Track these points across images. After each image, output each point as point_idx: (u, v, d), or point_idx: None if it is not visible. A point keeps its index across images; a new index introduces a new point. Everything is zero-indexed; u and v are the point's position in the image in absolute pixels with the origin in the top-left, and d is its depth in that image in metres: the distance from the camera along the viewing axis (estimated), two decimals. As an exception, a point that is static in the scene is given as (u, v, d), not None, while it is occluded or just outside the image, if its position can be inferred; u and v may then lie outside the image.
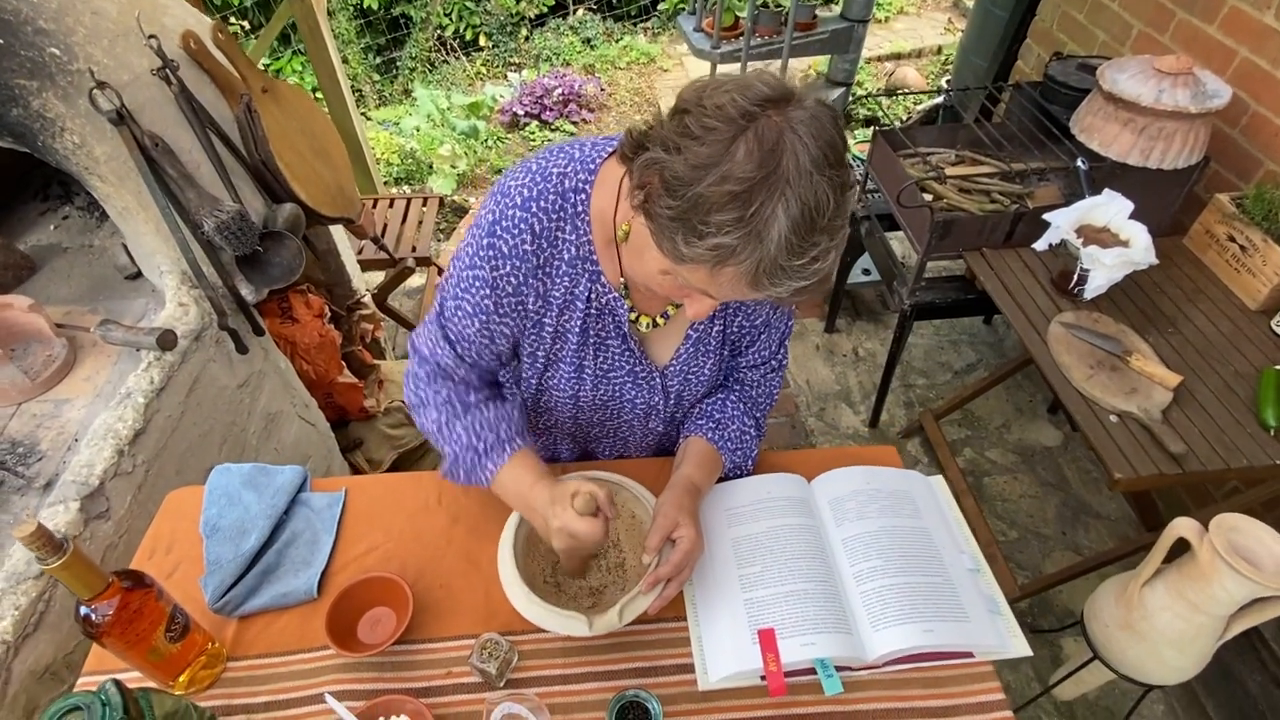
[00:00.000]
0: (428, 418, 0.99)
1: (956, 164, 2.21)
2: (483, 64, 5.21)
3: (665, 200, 0.68)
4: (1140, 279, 1.80)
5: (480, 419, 0.97)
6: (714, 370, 1.06)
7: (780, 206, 0.64)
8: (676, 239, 0.68)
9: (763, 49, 2.49)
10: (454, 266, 0.92)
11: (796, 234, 0.65)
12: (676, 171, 0.66)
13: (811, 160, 0.64)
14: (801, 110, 0.66)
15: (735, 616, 0.94)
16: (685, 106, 0.69)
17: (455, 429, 0.97)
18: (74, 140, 1.26)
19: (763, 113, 0.65)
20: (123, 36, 1.31)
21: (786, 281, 0.68)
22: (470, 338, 0.94)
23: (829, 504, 1.06)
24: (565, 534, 0.85)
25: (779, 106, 0.66)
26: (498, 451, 0.95)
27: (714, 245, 0.66)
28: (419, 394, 1.00)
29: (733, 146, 0.64)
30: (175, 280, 1.42)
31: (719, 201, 0.64)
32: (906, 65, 4.47)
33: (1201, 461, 1.43)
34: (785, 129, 0.64)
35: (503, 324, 0.93)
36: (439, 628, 0.97)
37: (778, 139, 0.64)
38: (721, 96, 0.66)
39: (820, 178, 0.64)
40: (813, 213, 0.64)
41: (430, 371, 1.00)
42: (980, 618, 0.94)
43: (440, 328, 0.96)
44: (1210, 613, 1.34)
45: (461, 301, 0.92)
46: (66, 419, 1.27)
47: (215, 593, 0.97)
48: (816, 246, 0.66)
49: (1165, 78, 1.73)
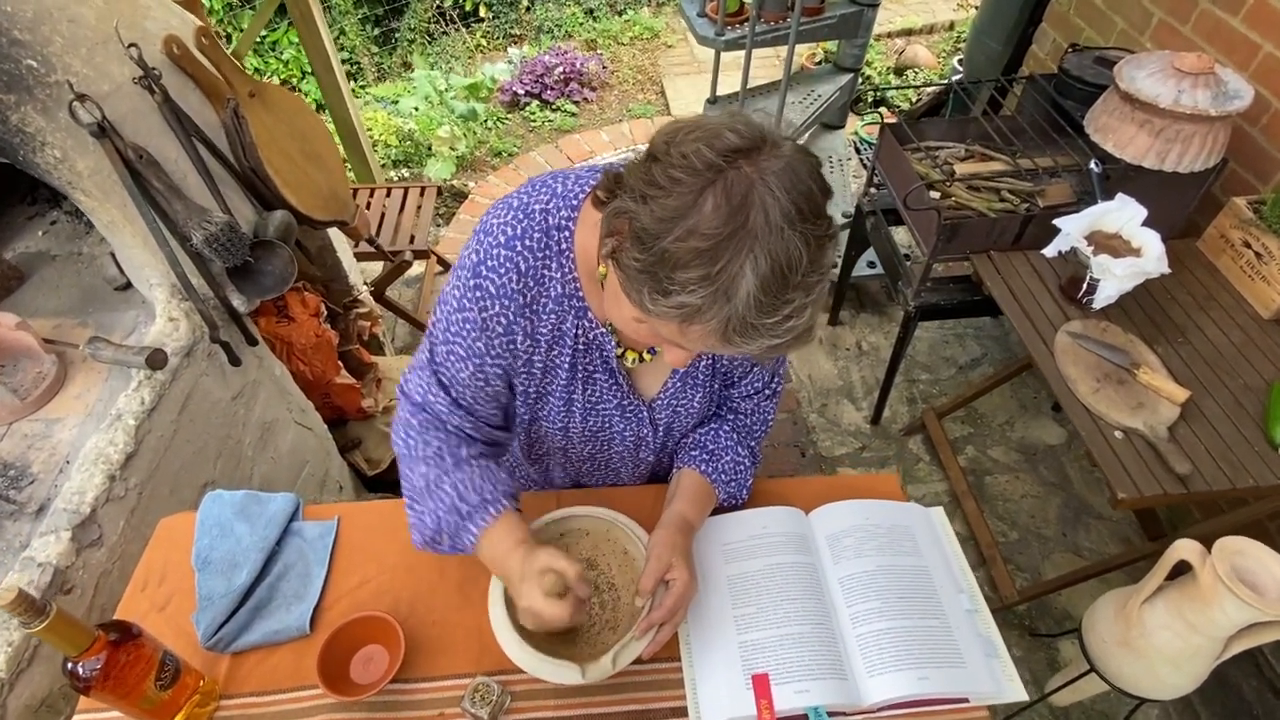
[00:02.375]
0: (415, 471, 0.93)
1: (966, 159, 2.15)
2: (482, 35, 5.09)
3: (633, 252, 0.65)
4: (1151, 284, 1.75)
5: (468, 478, 0.92)
6: (703, 403, 1.04)
7: (748, 264, 0.60)
8: (644, 292, 0.65)
9: (768, 35, 2.40)
10: (441, 310, 0.89)
11: (766, 292, 0.61)
12: (643, 223, 0.63)
13: (783, 214, 0.61)
14: (775, 159, 0.62)
15: (730, 660, 0.93)
16: (655, 154, 0.66)
17: (443, 486, 0.91)
18: (55, 155, 1.23)
19: (731, 164, 0.61)
20: (102, 45, 1.27)
21: (759, 339, 0.64)
22: (465, 381, 0.91)
23: (827, 540, 1.05)
24: (530, 614, 0.84)
25: (750, 156, 0.62)
26: (481, 514, 0.90)
27: (679, 303, 0.63)
28: (408, 443, 0.95)
29: (700, 199, 0.61)
30: (165, 294, 1.39)
31: (684, 258, 0.61)
32: (917, 43, 4.35)
33: (1207, 481, 1.41)
34: (755, 181, 0.61)
35: (496, 365, 0.90)
36: (431, 666, 0.97)
37: (746, 192, 0.61)
38: (689, 145, 0.63)
39: (792, 232, 0.61)
40: (784, 269, 0.61)
41: (423, 421, 0.95)
42: (976, 662, 0.93)
43: (433, 373, 0.92)
44: (1209, 634, 1.33)
45: (453, 346, 0.89)
46: (58, 439, 1.26)
47: (207, 630, 0.97)
48: (790, 304, 0.63)
49: (1185, 77, 1.66)
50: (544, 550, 0.86)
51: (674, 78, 4.38)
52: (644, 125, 4.02)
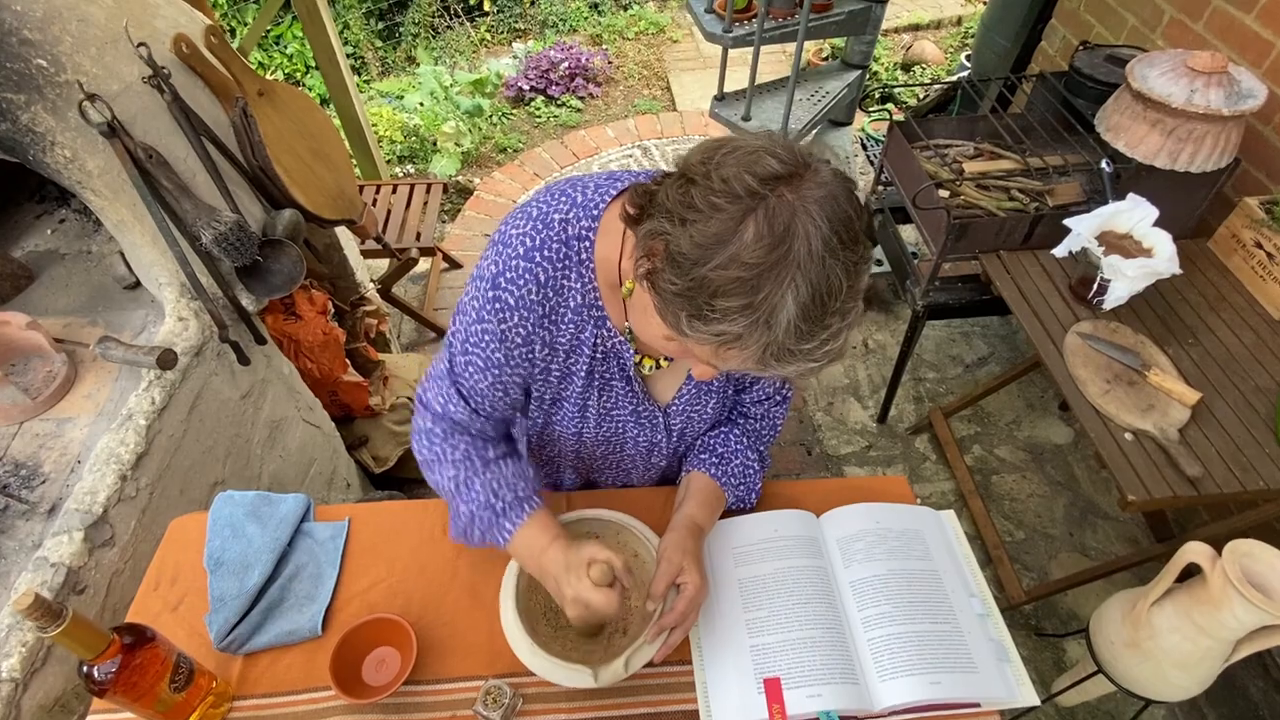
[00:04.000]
0: (444, 475, 0.96)
1: (974, 158, 2.14)
2: (487, 30, 5.06)
3: (669, 275, 0.65)
4: (1161, 285, 1.74)
5: (499, 476, 0.95)
6: (717, 408, 1.04)
7: (790, 293, 0.60)
8: (680, 316, 0.65)
9: (776, 32, 2.39)
10: (459, 321, 0.89)
11: (806, 320, 0.62)
12: (681, 247, 0.63)
13: (824, 243, 0.61)
14: (816, 187, 0.62)
15: (741, 663, 0.93)
16: (692, 175, 0.65)
17: (474, 486, 0.94)
18: (65, 154, 1.23)
19: (773, 191, 0.61)
20: (111, 44, 1.26)
21: (796, 363, 0.65)
22: (484, 392, 0.92)
23: (837, 544, 1.04)
24: (580, 604, 0.84)
25: (791, 183, 0.62)
26: (515, 511, 0.93)
27: (719, 331, 0.63)
28: (433, 450, 0.97)
29: (741, 227, 0.61)
30: (174, 293, 1.39)
31: (725, 286, 0.61)
32: (924, 38, 4.32)
33: (1218, 484, 1.40)
34: (798, 209, 0.61)
35: (514, 374, 0.90)
36: (443, 668, 0.97)
37: (789, 221, 0.60)
38: (729, 169, 0.63)
39: (833, 261, 0.61)
40: (824, 297, 0.61)
41: (446, 429, 0.96)
42: (988, 667, 0.93)
43: (452, 383, 0.93)
44: (1218, 637, 1.33)
45: (472, 357, 0.89)
46: (69, 439, 1.27)
47: (220, 631, 0.97)
48: (828, 329, 0.63)
49: (1198, 77, 1.65)
50: (587, 543, 0.88)
51: (680, 73, 4.36)
52: (650, 121, 4.00)
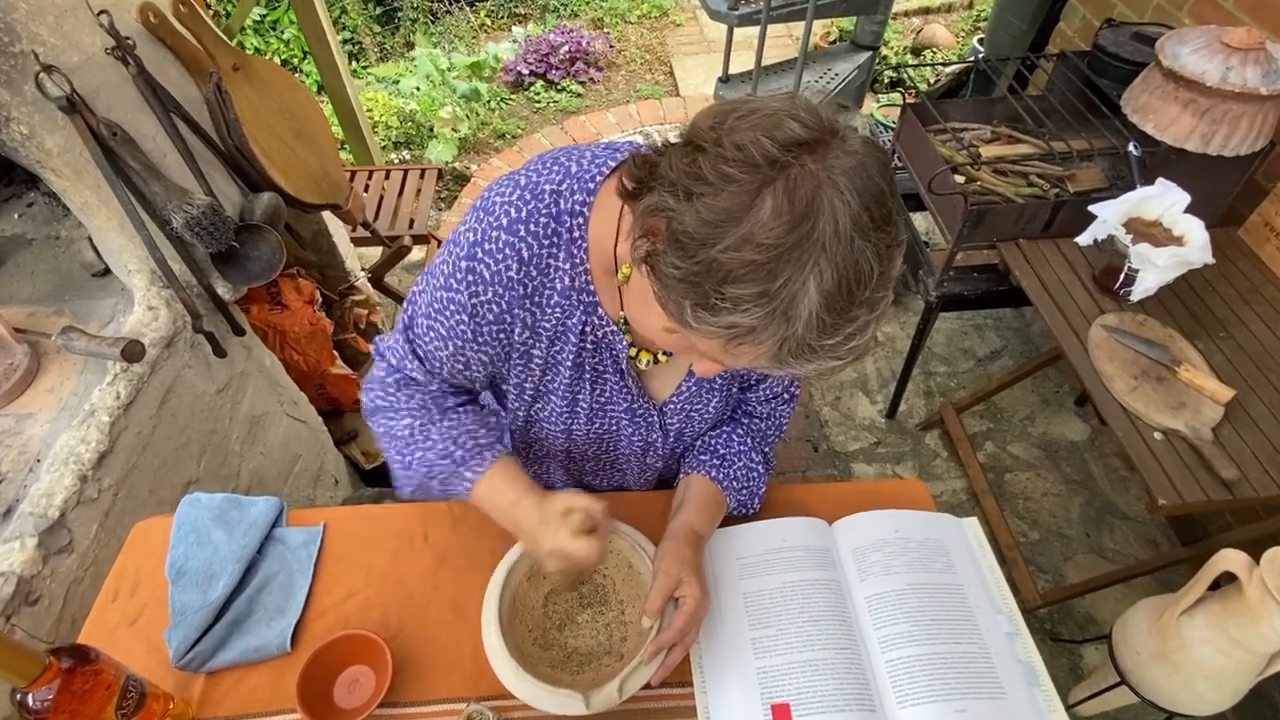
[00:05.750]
0: (399, 423, 0.88)
1: (992, 142, 2.04)
2: (486, 14, 4.95)
3: (672, 258, 0.56)
4: (1190, 275, 1.65)
5: (458, 423, 0.88)
6: (719, 407, 0.96)
7: (813, 279, 0.52)
8: (684, 305, 0.56)
9: (784, 10, 2.29)
10: (426, 282, 0.81)
11: (830, 311, 0.53)
12: (686, 225, 0.54)
13: (853, 221, 0.52)
14: (845, 156, 0.53)
15: (746, 687, 0.85)
16: (700, 142, 0.56)
17: (430, 434, 0.87)
18: (22, 131, 1.14)
19: (796, 160, 0.52)
20: (70, 12, 1.17)
21: (816, 361, 0.56)
22: (442, 360, 0.85)
23: (852, 554, 0.96)
24: (560, 555, 0.78)
25: (816, 151, 0.53)
26: (476, 459, 0.87)
27: (729, 323, 0.54)
28: (387, 398, 0.89)
29: (756, 201, 0.52)
30: (144, 280, 1.31)
31: (738, 271, 0.52)
32: (935, 21, 4.20)
33: (1254, 487, 1.32)
34: (823, 182, 0.52)
35: (480, 352, 0.82)
36: (421, 690, 0.89)
37: (813, 195, 0.52)
38: (744, 134, 0.54)
39: (864, 243, 0.52)
40: (851, 284, 0.53)
41: (399, 380, 0.90)
42: (1018, 692, 0.85)
43: (408, 342, 0.86)
44: (1254, 650, 1.25)
45: (434, 323, 0.81)
46: (29, 436, 1.19)
47: (180, 648, 0.89)
48: (854, 322, 0.55)
49: (1234, 53, 1.55)
50: (561, 493, 0.82)
51: (683, 57, 4.25)
52: (652, 106, 3.90)
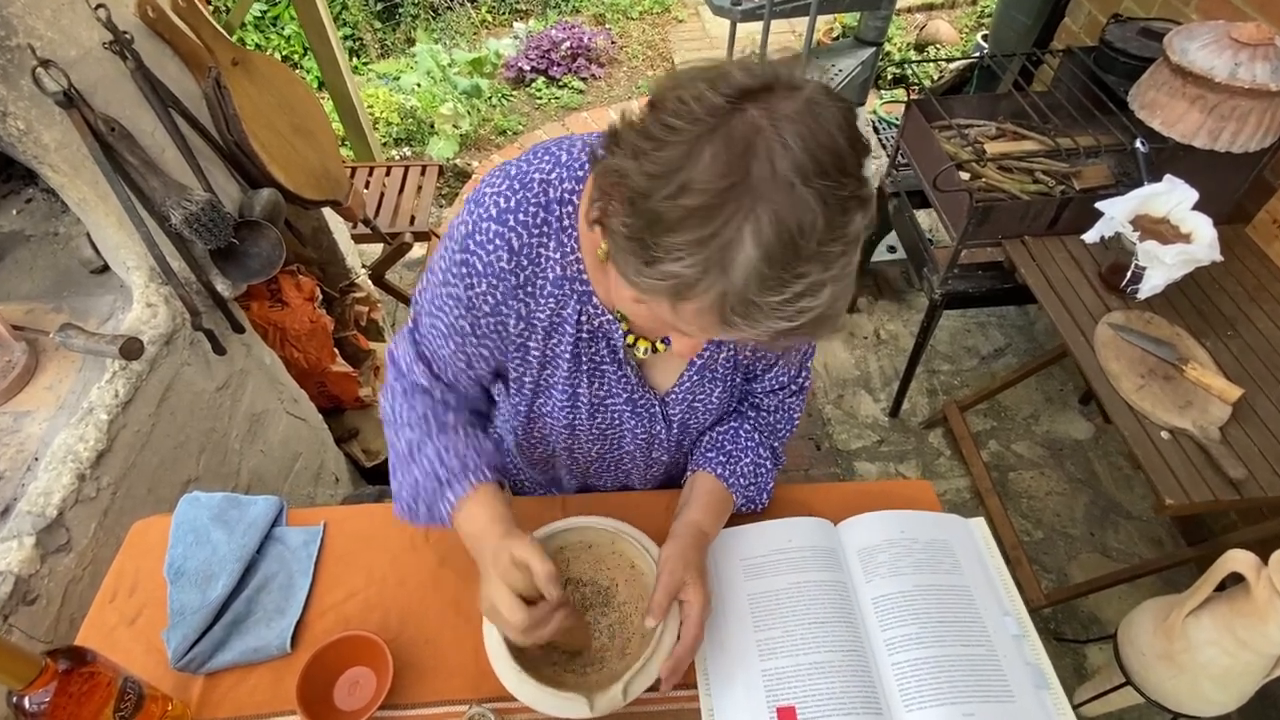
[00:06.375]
0: (401, 437, 0.88)
1: (997, 138, 2.03)
2: (488, 10, 4.93)
3: (622, 216, 0.55)
4: (1197, 273, 1.63)
5: (451, 442, 0.86)
6: (722, 397, 0.94)
7: (748, 226, 0.50)
8: (630, 264, 0.56)
9: (788, 6, 2.28)
10: (427, 280, 0.82)
11: (770, 263, 0.51)
12: (635, 182, 0.54)
13: (795, 166, 0.50)
14: (792, 102, 0.52)
15: (752, 690, 0.84)
16: (654, 101, 0.56)
17: (425, 450, 0.85)
18: (19, 126, 1.13)
19: (737, 108, 0.51)
20: (68, 6, 1.16)
21: (764, 322, 0.54)
22: (445, 359, 0.85)
23: (858, 555, 0.95)
24: (486, 604, 0.75)
25: (760, 98, 0.52)
26: (460, 482, 0.83)
27: (666, 274, 0.53)
28: (395, 409, 0.90)
29: (695, 149, 0.51)
30: (143, 277, 1.30)
31: (675, 219, 0.52)
32: (939, 18, 4.18)
33: (1262, 487, 1.31)
34: (763, 128, 0.51)
35: (481, 346, 0.82)
36: (423, 691, 0.88)
37: (751, 140, 0.50)
38: (688, 88, 0.53)
39: (806, 189, 0.50)
40: (793, 235, 0.50)
41: (407, 387, 0.90)
42: (1026, 695, 0.84)
43: (414, 344, 0.88)
44: (1261, 651, 1.24)
45: (436, 320, 0.82)
46: (27, 434, 1.18)
47: (179, 649, 0.88)
48: (802, 279, 0.52)
49: (1243, 49, 1.53)
50: (520, 540, 0.75)
51: (685, 54, 4.24)
52: (654, 103, 3.88)
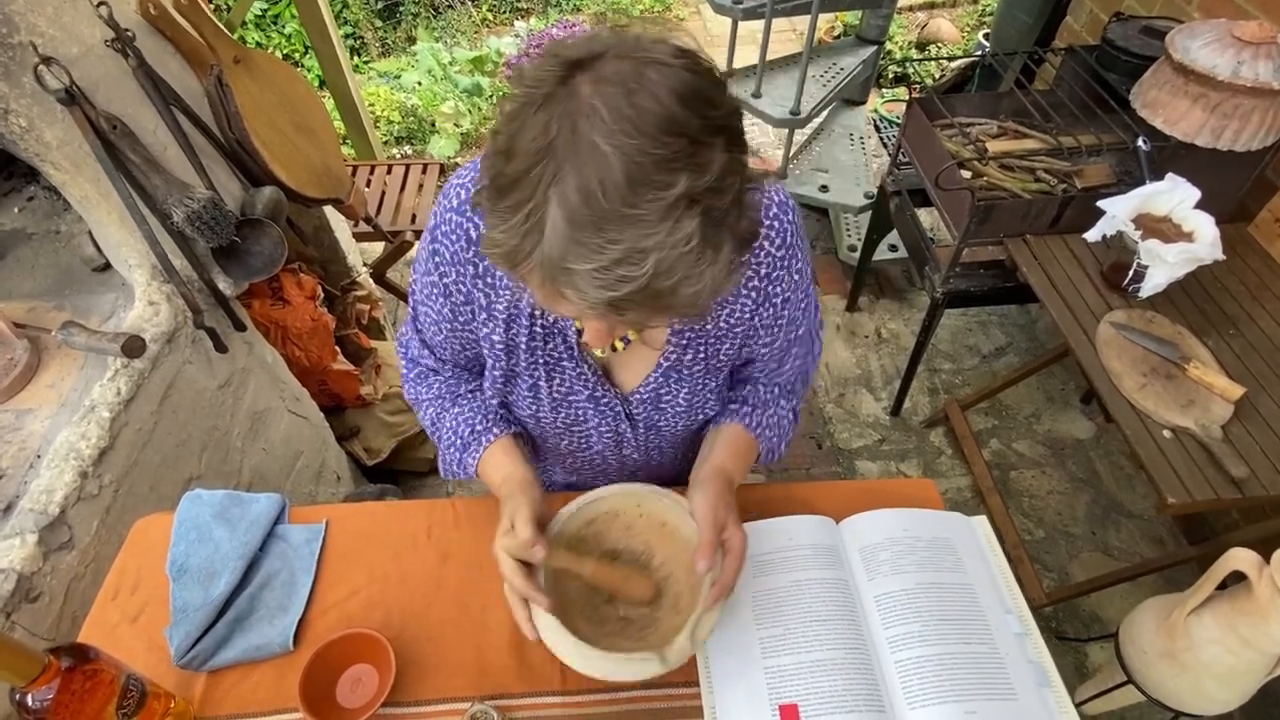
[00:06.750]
0: (426, 415, 0.99)
1: (999, 137, 2.03)
2: (489, 9, 4.93)
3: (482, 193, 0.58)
4: (1199, 272, 1.63)
5: (468, 407, 0.94)
6: (690, 399, 0.92)
7: (554, 190, 0.50)
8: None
9: (789, 4, 2.27)
10: (414, 271, 0.87)
11: (576, 226, 0.50)
12: (489, 158, 0.56)
13: (604, 131, 0.49)
14: (620, 66, 0.51)
15: (755, 687, 0.84)
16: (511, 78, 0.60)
17: (445, 421, 0.95)
18: (21, 123, 1.13)
19: (565, 81, 0.52)
20: (70, 3, 1.16)
21: (589, 291, 0.52)
22: (442, 343, 0.92)
23: (860, 553, 0.95)
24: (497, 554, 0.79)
25: (587, 67, 0.52)
26: (475, 445, 0.92)
27: (493, 242, 0.55)
28: (414, 394, 1.00)
29: (523, 118, 0.52)
30: (145, 275, 1.30)
31: (500, 186, 0.54)
32: (940, 16, 4.18)
33: (1264, 485, 1.31)
34: (578, 93, 0.51)
35: (465, 330, 0.87)
36: (425, 689, 0.88)
37: (565, 106, 0.51)
38: (529, 68, 0.54)
39: (609, 148, 0.49)
40: (596, 195, 0.49)
41: (419, 372, 0.99)
42: (1028, 693, 0.84)
43: (415, 332, 0.94)
44: (1264, 650, 1.24)
45: (426, 308, 0.88)
46: (29, 432, 1.18)
47: (181, 646, 0.89)
48: (616, 245, 0.50)
49: (1245, 47, 1.53)
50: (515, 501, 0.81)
51: (686, 52, 4.23)
52: (655, 102, 3.88)
